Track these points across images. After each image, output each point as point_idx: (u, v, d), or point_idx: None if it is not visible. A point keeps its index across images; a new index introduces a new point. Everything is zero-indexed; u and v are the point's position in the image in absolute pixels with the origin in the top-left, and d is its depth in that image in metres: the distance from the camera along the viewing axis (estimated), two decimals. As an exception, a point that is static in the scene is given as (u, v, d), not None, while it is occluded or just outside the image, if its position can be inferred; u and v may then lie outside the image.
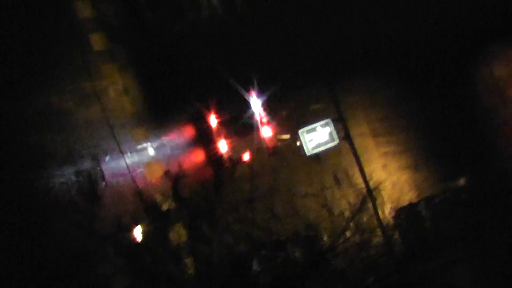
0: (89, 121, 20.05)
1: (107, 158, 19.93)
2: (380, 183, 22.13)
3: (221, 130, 21.09)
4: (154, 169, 20.43)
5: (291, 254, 20.37)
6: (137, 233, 18.01)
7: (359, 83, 23.83)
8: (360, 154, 22.83)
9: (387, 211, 22.55)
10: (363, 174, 22.76)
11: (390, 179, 23.53)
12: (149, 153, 20.76)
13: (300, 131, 22.00)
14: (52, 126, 19.55)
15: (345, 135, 22.54)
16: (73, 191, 18.37)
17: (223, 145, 21.03)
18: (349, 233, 20.01)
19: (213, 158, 21.44)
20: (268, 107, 21.46)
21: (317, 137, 22.13)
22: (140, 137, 20.82)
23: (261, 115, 21.40)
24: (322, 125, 22.15)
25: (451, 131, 24.86)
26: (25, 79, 19.55)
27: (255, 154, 21.40)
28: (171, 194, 18.46)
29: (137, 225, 17.96)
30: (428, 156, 24.66)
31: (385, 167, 24.05)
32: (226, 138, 21.06)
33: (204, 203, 18.25)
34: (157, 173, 20.18)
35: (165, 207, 18.37)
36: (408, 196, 23.47)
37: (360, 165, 22.72)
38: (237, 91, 21.40)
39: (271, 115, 21.47)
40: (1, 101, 18.85)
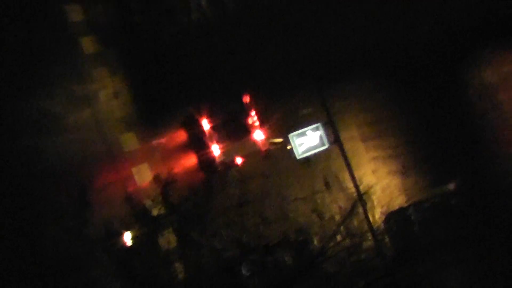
0: (79, 124, 20.05)
1: (98, 162, 19.92)
2: (370, 187, 22.13)
3: (212, 134, 21.13)
4: (144, 174, 20.42)
5: (281, 258, 20.38)
6: (127, 238, 17.98)
7: (349, 88, 23.88)
8: (350, 158, 22.82)
9: (377, 215, 22.57)
10: (354, 178, 22.74)
11: (380, 183, 23.58)
12: (140, 157, 20.75)
13: (290, 135, 21.98)
14: (42, 129, 19.54)
15: (335, 139, 22.55)
16: (63, 196, 18.30)
17: (214, 149, 21.05)
18: (339, 237, 20.06)
19: (204, 162, 21.47)
20: (259, 111, 21.49)
21: (307, 141, 22.14)
22: (130, 141, 20.81)
23: (252, 119, 21.45)
24: (312, 129, 22.14)
25: (441, 135, 24.94)
26: (16, 83, 19.54)
27: (246, 158, 21.44)
28: (161, 199, 18.41)
29: (127, 230, 17.92)
30: (417, 160, 24.74)
31: (375, 171, 24.10)
32: (217, 142, 21.08)
33: (193, 208, 18.22)
34: (147, 178, 20.15)
35: (155, 212, 18.33)
36: (398, 200, 23.56)
37: (350, 169, 22.69)
38: (229, 96, 21.46)
39: (261, 120, 21.49)
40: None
